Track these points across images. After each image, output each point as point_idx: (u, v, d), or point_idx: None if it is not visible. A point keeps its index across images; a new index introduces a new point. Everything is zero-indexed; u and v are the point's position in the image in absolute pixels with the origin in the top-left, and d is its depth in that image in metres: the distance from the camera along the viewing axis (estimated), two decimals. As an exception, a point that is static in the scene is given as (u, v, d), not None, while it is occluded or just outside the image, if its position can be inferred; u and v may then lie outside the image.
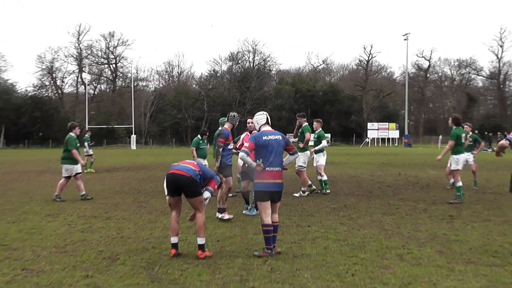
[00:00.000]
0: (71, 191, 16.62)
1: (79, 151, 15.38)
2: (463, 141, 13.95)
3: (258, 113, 8.49)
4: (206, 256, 7.62)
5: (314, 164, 15.78)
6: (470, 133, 17.27)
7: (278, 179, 7.96)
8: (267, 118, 8.35)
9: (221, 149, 11.05)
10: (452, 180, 15.93)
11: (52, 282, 6.45)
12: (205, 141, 17.02)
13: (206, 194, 7.91)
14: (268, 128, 8.25)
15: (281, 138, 8.10)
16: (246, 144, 8.08)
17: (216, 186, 8.11)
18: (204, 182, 7.95)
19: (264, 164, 7.85)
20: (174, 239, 7.84)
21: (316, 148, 15.49)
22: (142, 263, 7.39)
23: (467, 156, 16.90)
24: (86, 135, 26.36)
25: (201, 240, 7.73)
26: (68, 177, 14.90)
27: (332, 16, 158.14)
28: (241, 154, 7.99)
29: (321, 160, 15.66)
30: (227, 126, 11.34)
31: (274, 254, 7.77)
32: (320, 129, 15.76)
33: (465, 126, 17.46)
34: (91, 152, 25.67)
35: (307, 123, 15.18)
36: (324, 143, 15.53)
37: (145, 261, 7.54)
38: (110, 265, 7.32)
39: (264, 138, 7.98)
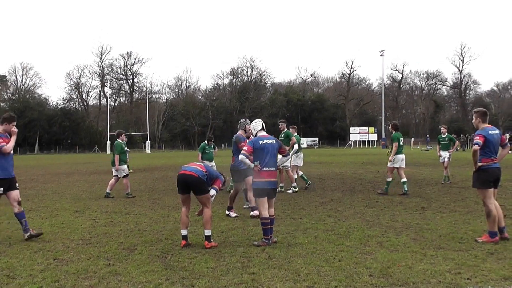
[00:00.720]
0: (95, 190, 16.58)
1: (126, 156, 15.34)
2: (401, 143, 14.19)
3: (254, 121, 8.46)
4: (212, 246, 7.56)
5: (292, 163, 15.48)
6: (446, 133, 17.23)
7: (273, 177, 7.93)
8: (262, 125, 8.31)
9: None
10: (445, 174, 16.66)
11: (79, 270, 6.39)
12: (212, 146, 16.91)
13: (212, 192, 7.85)
14: (263, 133, 8.21)
15: (275, 142, 8.08)
16: (245, 148, 8.03)
17: (220, 185, 8.02)
18: (211, 181, 7.89)
19: (261, 165, 7.82)
20: (184, 231, 7.79)
21: (292, 152, 15.00)
22: (156, 253, 7.34)
23: (444, 154, 16.93)
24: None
25: (207, 232, 7.67)
26: (126, 176, 14.95)
27: (318, 35, 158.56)
28: (241, 156, 7.94)
29: (294, 160, 15.43)
30: (240, 132, 11.17)
31: (271, 243, 7.69)
32: (296, 133, 15.57)
33: (441, 128, 17.46)
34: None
35: (287, 129, 15.03)
36: (296, 147, 15.21)
37: (159, 250, 7.48)
38: (129, 254, 7.26)
39: (260, 142, 7.95)
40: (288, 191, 14.82)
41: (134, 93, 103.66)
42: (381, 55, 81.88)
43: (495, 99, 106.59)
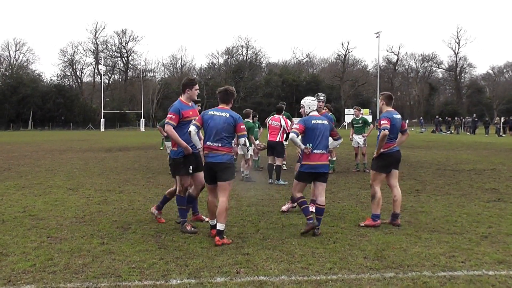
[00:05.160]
0: (89, 168, 16.50)
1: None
2: None
3: (309, 98, 7.73)
4: (224, 243, 6.56)
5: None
6: (360, 116, 16.29)
7: (324, 160, 7.35)
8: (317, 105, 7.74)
9: None
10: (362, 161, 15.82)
11: (73, 248, 6.35)
12: (256, 124, 15.57)
13: (242, 141, 6.86)
14: (316, 113, 7.60)
15: (327, 123, 7.49)
16: (296, 126, 7.46)
17: (242, 126, 6.86)
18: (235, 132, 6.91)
19: (312, 147, 7.27)
20: (213, 222, 6.97)
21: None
22: (150, 232, 7.30)
23: (357, 138, 16.12)
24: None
25: (220, 226, 6.67)
26: None
27: (314, 15, 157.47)
28: (291, 135, 7.29)
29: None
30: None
31: (315, 224, 7.09)
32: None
33: (354, 110, 16.43)
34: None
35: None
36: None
37: (153, 230, 7.45)
38: (123, 233, 7.23)
39: (313, 122, 7.37)
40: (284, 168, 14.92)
41: (128, 71, 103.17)
42: (377, 37, 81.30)
43: (490, 82, 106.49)
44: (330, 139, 7.63)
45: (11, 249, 6.33)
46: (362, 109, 16.55)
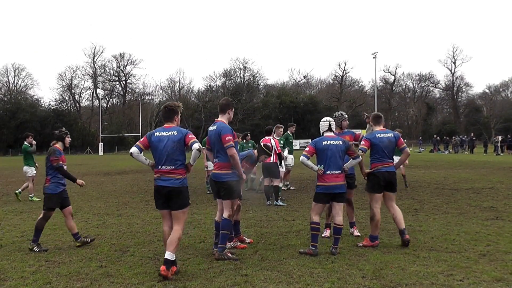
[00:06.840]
0: (87, 191, 16.50)
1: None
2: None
3: (323, 119, 7.76)
4: (174, 272, 6.04)
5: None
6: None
7: (340, 180, 7.35)
8: (330, 125, 7.61)
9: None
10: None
11: (71, 272, 6.36)
12: (249, 144, 15.70)
13: (196, 146, 6.07)
14: (330, 133, 7.58)
15: (341, 143, 7.42)
16: (306, 149, 7.50)
17: (190, 135, 6.34)
18: (186, 147, 6.35)
19: (325, 167, 7.31)
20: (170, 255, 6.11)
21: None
22: (149, 254, 7.31)
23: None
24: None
25: (171, 255, 6.03)
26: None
27: (311, 37, 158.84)
28: (301, 158, 7.33)
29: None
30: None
31: (316, 252, 7.02)
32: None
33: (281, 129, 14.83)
34: None
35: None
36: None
37: (151, 252, 7.45)
38: (121, 256, 7.23)
39: (323, 143, 7.38)
40: (283, 188, 14.90)
41: (126, 94, 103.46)
42: (373, 57, 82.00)
43: (487, 101, 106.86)
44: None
45: (9, 274, 6.33)
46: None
